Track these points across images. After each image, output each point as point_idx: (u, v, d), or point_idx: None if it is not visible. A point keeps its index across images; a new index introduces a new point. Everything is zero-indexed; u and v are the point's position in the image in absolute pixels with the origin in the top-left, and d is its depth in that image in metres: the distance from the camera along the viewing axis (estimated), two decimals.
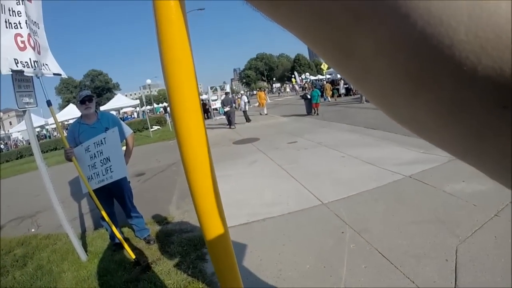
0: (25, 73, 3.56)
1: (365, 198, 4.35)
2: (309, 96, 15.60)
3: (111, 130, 3.74)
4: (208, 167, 0.51)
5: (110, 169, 3.68)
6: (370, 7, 0.17)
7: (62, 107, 56.08)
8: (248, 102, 29.60)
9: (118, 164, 3.70)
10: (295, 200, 4.71)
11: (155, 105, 44.50)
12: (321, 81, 39.86)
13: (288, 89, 53.00)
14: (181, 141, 0.48)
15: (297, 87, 45.14)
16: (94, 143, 3.71)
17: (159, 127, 24.38)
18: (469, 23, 0.15)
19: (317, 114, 14.89)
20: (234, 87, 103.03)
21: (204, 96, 43.49)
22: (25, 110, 3.84)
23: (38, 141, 4.06)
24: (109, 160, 3.67)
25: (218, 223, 0.54)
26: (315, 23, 0.20)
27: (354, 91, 21.01)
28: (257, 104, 23.28)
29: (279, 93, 51.78)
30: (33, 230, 6.38)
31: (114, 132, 3.72)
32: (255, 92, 56.42)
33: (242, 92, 23.34)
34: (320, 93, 15.46)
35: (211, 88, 26.13)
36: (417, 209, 3.78)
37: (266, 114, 19.70)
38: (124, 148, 4.10)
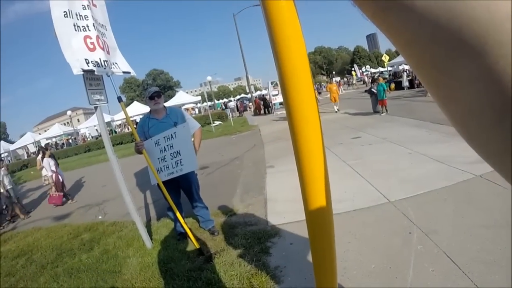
0: (95, 73, 3.81)
1: (433, 198, 4.13)
2: (375, 91, 13.16)
3: (181, 125, 3.87)
4: (323, 164, 0.51)
5: (181, 162, 3.81)
6: (481, 37, 0.18)
7: (126, 105, 59.09)
8: (320, 93, 28.88)
9: (188, 158, 3.81)
10: (360, 197, 4.59)
11: (216, 101, 45.48)
12: (381, 73, 38.09)
13: (354, 81, 50.14)
14: (300, 152, 0.49)
15: (366, 78, 42.61)
16: (164, 137, 3.86)
17: (220, 122, 25.06)
18: None
19: (386, 112, 12.49)
20: None
21: (264, 91, 43.14)
22: (96, 107, 4.09)
23: None
24: (180, 154, 3.80)
25: (328, 221, 0.56)
26: (420, 41, 0.22)
27: (418, 83, 19.33)
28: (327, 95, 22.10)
29: (349, 84, 48.71)
30: (100, 217, 6.85)
31: (185, 127, 3.85)
32: (316, 87, 54.27)
33: None
34: (386, 87, 12.92)
35: (272, 83, 24.98)
36: (488, 212, 3.50)
37: (337, 111, 16.39)
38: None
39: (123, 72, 4.32)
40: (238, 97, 57.67)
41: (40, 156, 9.96)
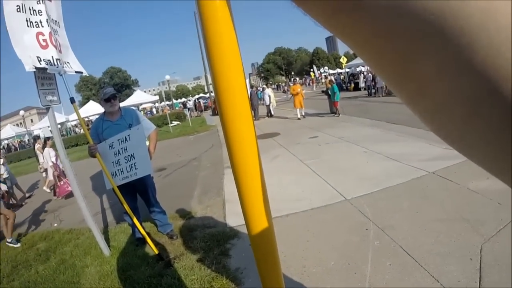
0: (48, 71, 3.62)
1: (388, 194, 4.29)
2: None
3: (135, 127, 3.77)
4: (258, 166, 0.52)
5: (135, 166, 3.71)
6: (437, 28, 0.17)
7: (82, 104, 56.88)
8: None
9: (143, 162, 3.72)
10: (318, 196, 4.68)
11: (174, 101, 44.89)
12: (340, 74, 38.64)
13: (323, 79, 48.94)
14: (231, 140, 0.48)
15: (332, 77, 42.24)
16: (119, 139, 3.74)
17: (178, 122, 24.49)
18: None
19: (338, 115, 12.50)
20: (253, 82, 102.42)
21: None
22: (49, 108, 3.90)
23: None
24: (134, 157, 3.70)
25: (266, 225, 0.55)
26: (376, 40, 0.21)
27: (373, 87, 19.24)
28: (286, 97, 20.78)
29: (317, 83, 47.34)
30: (55, 224, 6.53)
31: (139, 129, 3.76)
32: (274, 86, 53.86)
33: (264, 86, 22.08)
34: (336, 90, 12.74)
35: None
36: (441, 207, 3.70)
37: (303, 117, 14.15)
38: (147, 143, 4.11)
39: (76, 72, 4.15)
40: (196, 96, 57.39)
41: (40, 145, 9.95)
